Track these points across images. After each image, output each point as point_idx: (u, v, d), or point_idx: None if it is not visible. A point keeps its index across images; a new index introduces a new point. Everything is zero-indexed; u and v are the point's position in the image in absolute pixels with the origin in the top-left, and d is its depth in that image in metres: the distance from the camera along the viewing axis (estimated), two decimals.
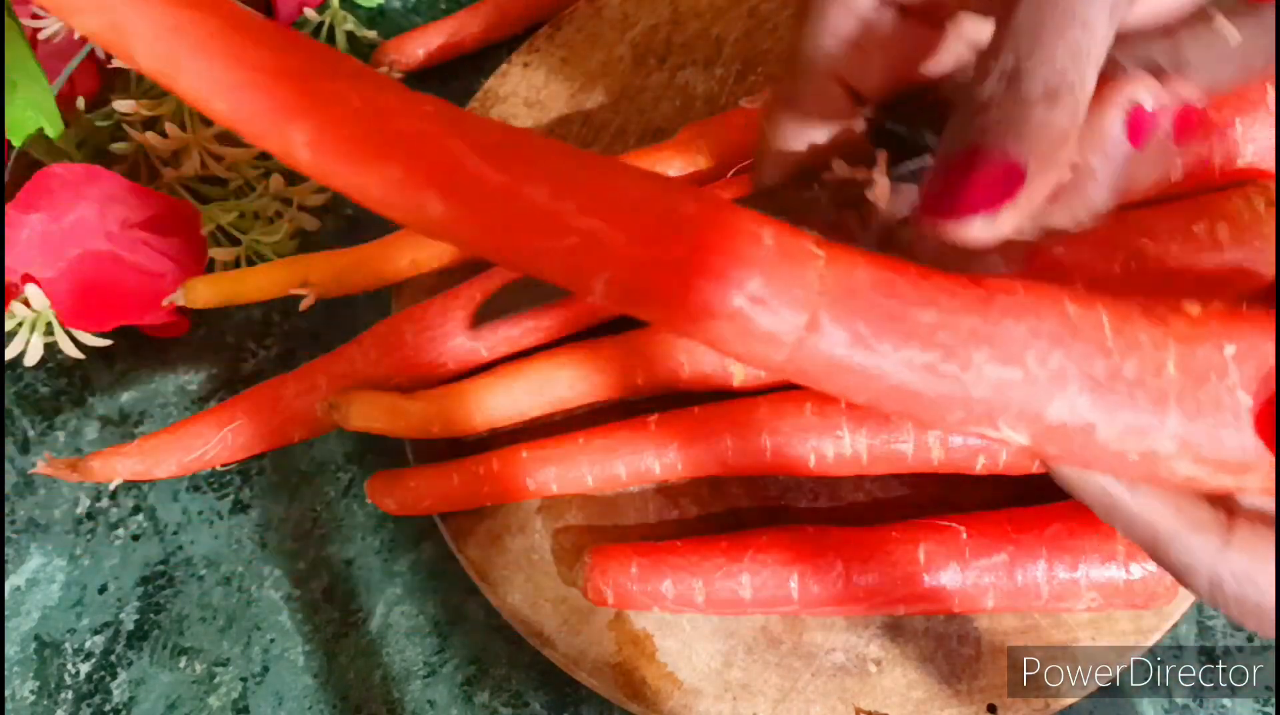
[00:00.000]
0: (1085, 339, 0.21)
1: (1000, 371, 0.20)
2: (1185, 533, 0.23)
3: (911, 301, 0.20)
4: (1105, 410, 0.21)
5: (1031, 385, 0.20)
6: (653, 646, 0.38)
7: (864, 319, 0.19)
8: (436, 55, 0.52)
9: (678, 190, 0.20)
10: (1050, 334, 0.20)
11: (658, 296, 0.19)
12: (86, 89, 0.48)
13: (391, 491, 0.41)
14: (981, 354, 0.20)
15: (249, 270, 0.43)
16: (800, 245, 0.20)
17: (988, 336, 0.20)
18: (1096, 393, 0.20)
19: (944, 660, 0.36)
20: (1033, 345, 0.20)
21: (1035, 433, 0.21)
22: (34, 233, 0.42)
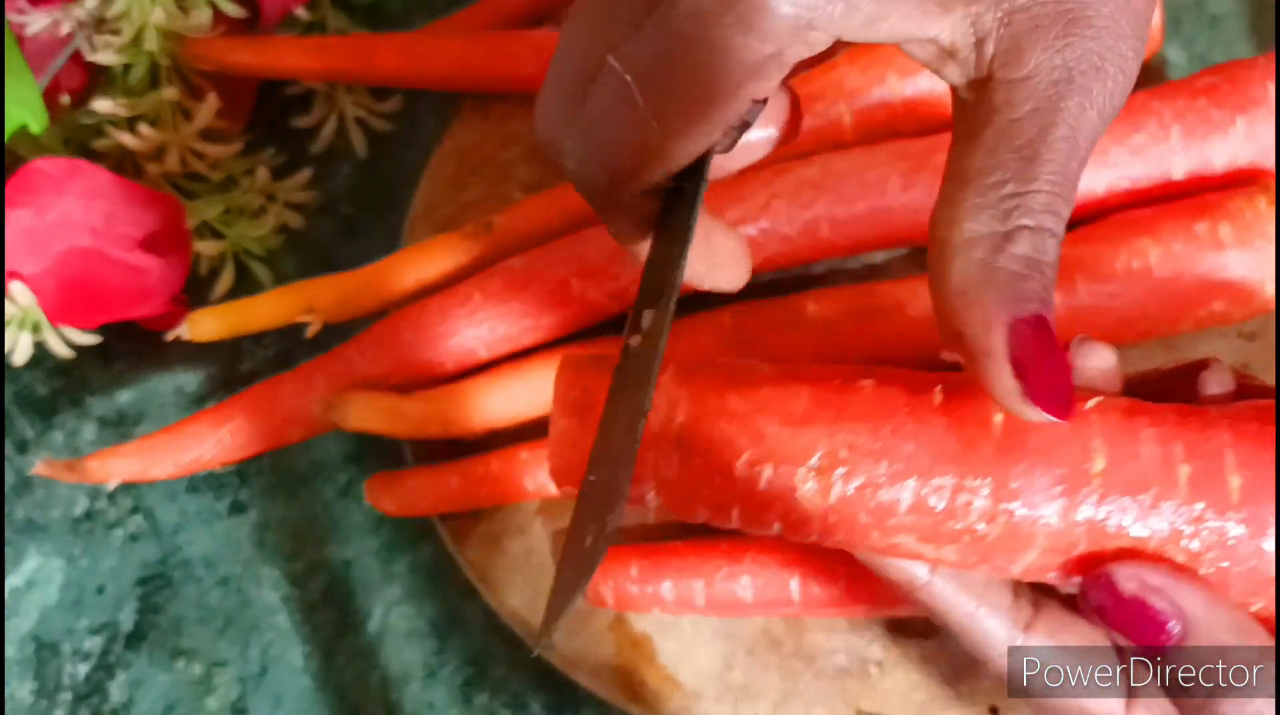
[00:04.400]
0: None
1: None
2: (979, 620, 0.24)
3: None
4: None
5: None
6: (653, 648, 0.38)
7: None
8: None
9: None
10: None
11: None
12: (72, 86, 0.48)
13: (390, 492, 0.40)
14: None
15: (252, 299, 0.43)
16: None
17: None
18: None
19: (946, 662, 0.36)
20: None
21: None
22: (18, 228, 0.41)
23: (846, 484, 0.22)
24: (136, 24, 0.46)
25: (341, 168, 0.50)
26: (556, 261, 0.40)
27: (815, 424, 0.23)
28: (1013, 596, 0.24)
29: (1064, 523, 0.22)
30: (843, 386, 0.23)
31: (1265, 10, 0.48)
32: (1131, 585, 0.21)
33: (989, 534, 0.22)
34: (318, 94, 0.50)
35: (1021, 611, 0.24)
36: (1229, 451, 0.22)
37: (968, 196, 0.21)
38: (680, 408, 0.23)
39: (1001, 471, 0.22)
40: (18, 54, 0.44)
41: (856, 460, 0.22)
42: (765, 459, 0.22)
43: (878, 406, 0.23)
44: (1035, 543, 0.22)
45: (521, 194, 0.46)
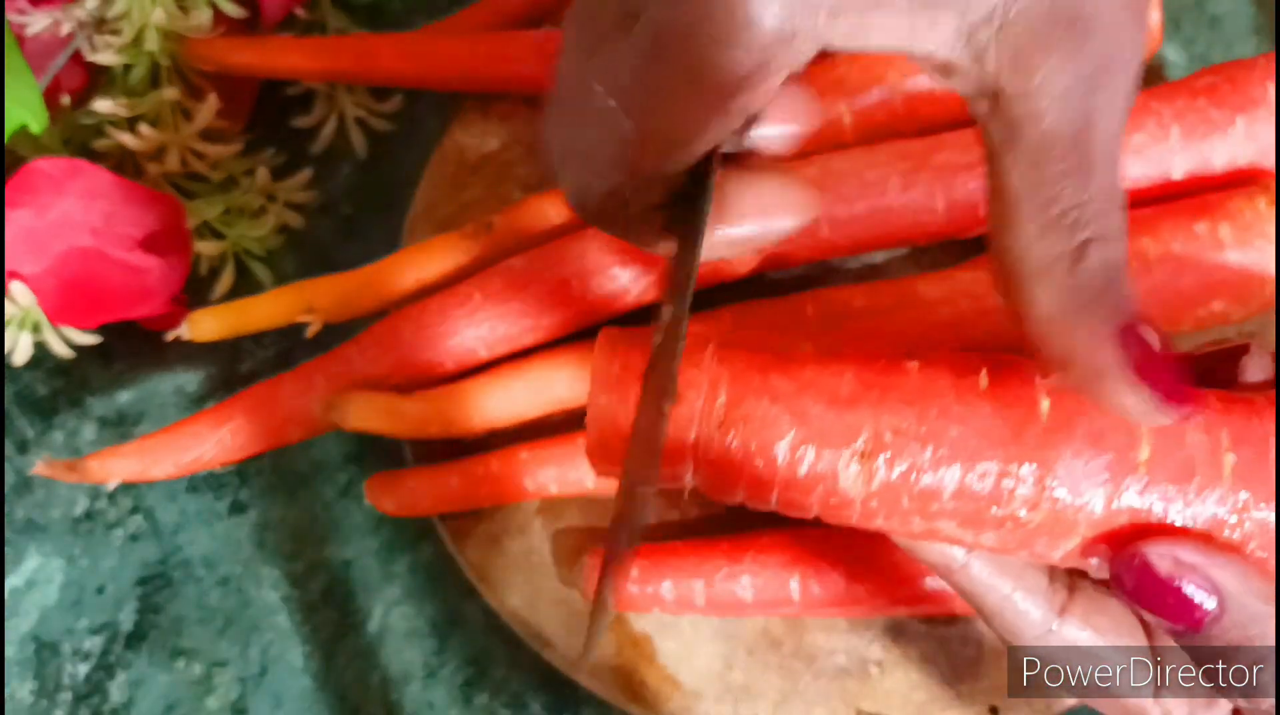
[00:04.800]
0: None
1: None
2: (1015, 602, 0.24)
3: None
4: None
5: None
6: (653, 648, 0.38)
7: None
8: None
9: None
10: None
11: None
12: (72, 86, 0.48)
13: (390, 492, 0.40)
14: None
15: (252, 299, 0.43)
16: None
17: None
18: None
19: (946, 662, 0.36)
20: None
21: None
22: (18, 228, 0.41)
23: (890, 469, 0.22)
24: (137, 24, 0.46)
25: (341, 168, 0.50)
26: (556, 261, 0.40)
27: (860, 406, 0.22)
28: (1048, 579, 0.24)
29: (1107, 510, 0.22)
30: (888, 368, 0.23)
31: (1265, 10, 0.48)
32: (1165, 564, 0.21)
33: (1031, 521, 0.22)
34: (318, 94, 0.50)
35: (1057, 594, 0.24)
36: (1273, 440, 0.22)
37: (1024, 220, 0.20)
38: (722, 387, 0.23)
39: (1047, 458, 0.22)
40: (18, 54, 0.44)
41: (901, 444, 0.22)
42: (808, 441, 0.22)
43: (923, 389, 0.22)
44: (1077, 530, 0.22)
45: (521, 194, 0.46)
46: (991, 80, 0.20)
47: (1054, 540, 0.22)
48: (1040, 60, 0.19)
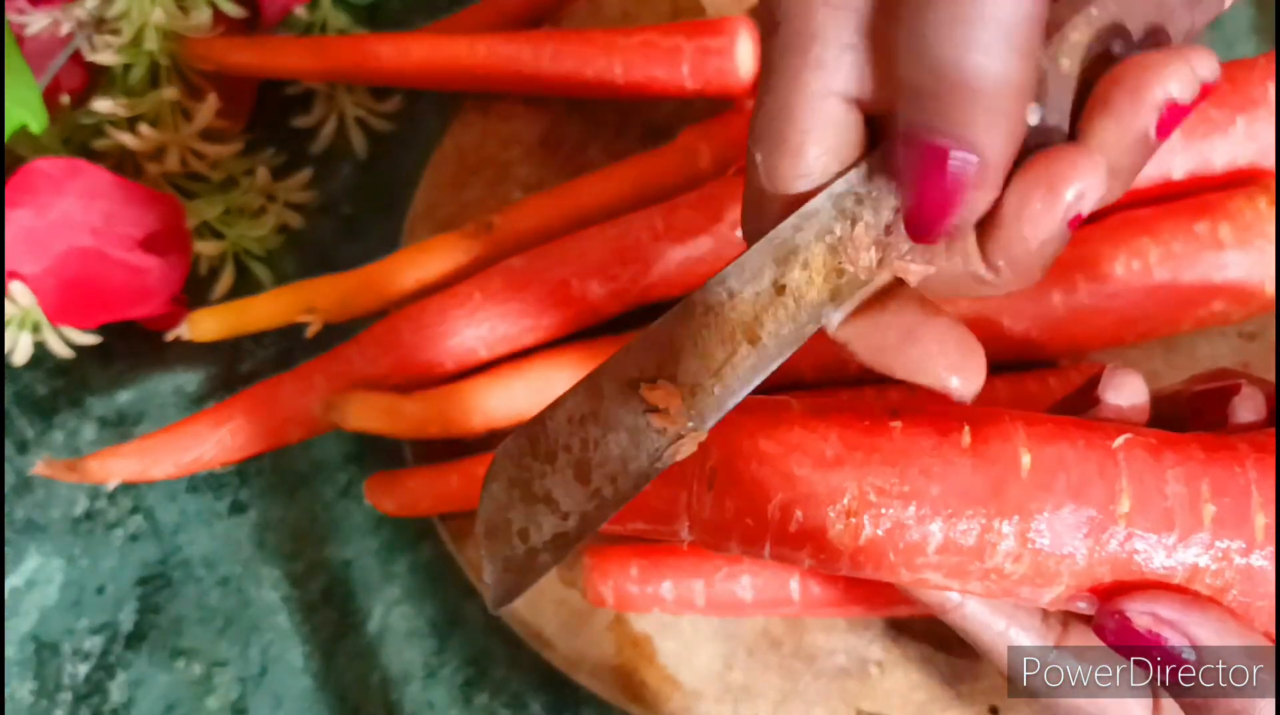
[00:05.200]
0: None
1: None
2: (1011, 639, 0.25)
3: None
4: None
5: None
6: (653, 648, 0.38)
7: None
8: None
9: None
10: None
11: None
12: (72, 86, 0.48)
13: (390, 492, 0.40)
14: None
15: (252, 299, 0.43)
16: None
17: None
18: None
19: (946, 662, 0.36)
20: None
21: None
22: (18, 228, 0.41)
23: (875, 526, 0.23)
24: (136, 24, 0.46)
25: (341, 168, 0.50)
26: (556, 261, 0.40)
27: (845, 466, 0.23)
28: (1042, 616, 0.25)
29: (1090, 560, 0.22)
30: (872, 427, 0.24)
31: (1265, 10, 0.48)
32: (1144, 620, 0.22)
33: (1015, 572, 0.23)
34: (318, 94, 0.50)
35: (1051, 630, 0.25)
36: (1255, 490, 0.22)
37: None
38: (713, 449, 0.24)
39: (1028, 512, 0.22)
40: (18, 54, 0.44)
41: (885, 502, 0.23)
42: (796, 501, 0.23)
43: (906, 448, 0.23)
44: (1061, 579, 0.23)
45: (521, 194, 0.46)
46: None
47: (1038, 589, 0.23)
48: None
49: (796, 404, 0.25)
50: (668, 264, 0.40)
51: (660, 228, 0.40)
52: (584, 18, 0.49)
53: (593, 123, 0.47)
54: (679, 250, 0.40)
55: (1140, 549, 0.22)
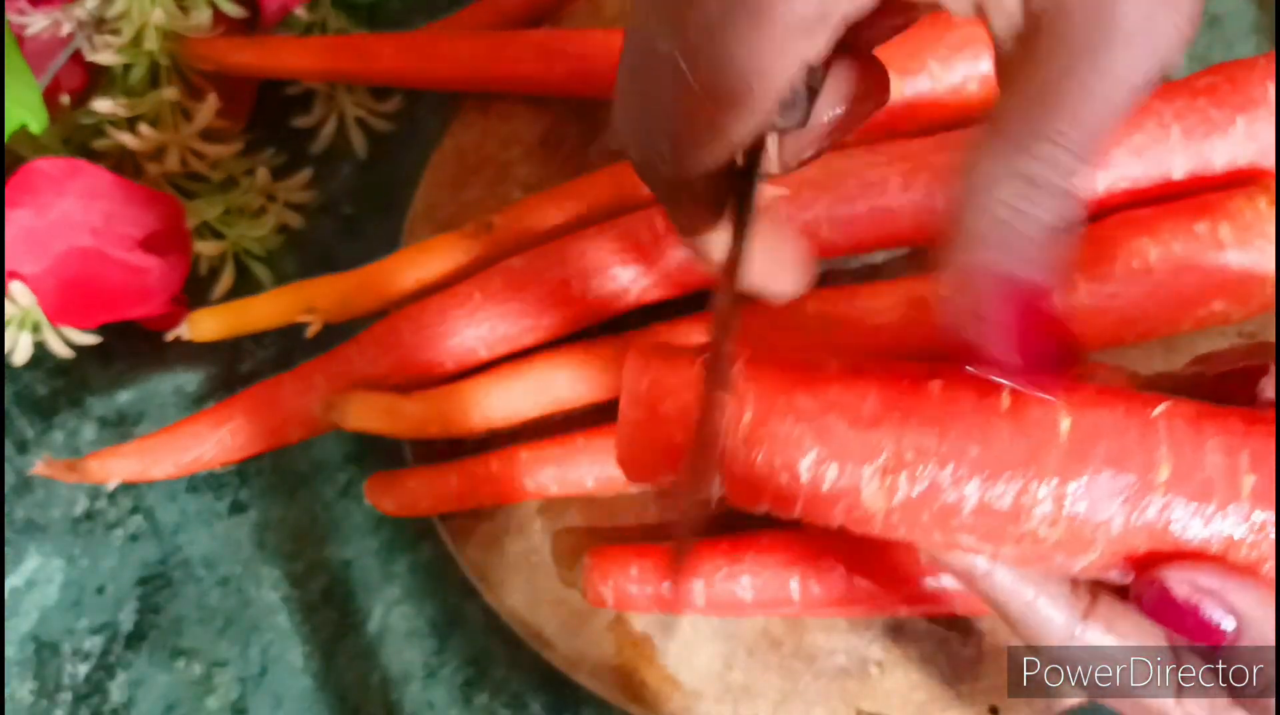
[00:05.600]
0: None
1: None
2: (1039, 609, 0.24)
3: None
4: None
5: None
6: (653, 648, 0.38)
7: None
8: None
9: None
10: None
11: None
12: (72, 86, 0.48)
13: (390, 492, 0.40)
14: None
15: (252, 299, 0.43)
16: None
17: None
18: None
19: (946, 662, 0.36)
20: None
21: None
22: (18, 228, 0.41)
23: (911, 486, 0.22)
24: (136, 24, 0.46)
25: (341, 168, 0.50)
26: (556, 261, 0.40)
27: (883, 425, 0.23)
28: (1071, 585, 0.25)
29: (1126, 528, 0.22)
30: (911, 387, 0.23)
31: (1265, 10, 0.48)
32: (1184, 589, 0.22)
33: (1050, 537, 0.22)
34: (318, 94, 0.50)
35: (1080, 600, 0.24)
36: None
37: (1000, 149, 0.20)
38: (748, 404, 0.23)
39: (1066, 478, 0.22)
40: (18, 54, 0.44)
41: (922, 463, 0.22)
42: (831, 458, 0.23)
43: (945, 408, 0.23)
44: (1096, 546, 0.22)
45: (521, 194, 0.46)
46: (1032, 15, 0.20)
47: (1072, 556, 0.23)
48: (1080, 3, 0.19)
49: (834, 362, 0.24)
50: (668, 264, 0.40)
51: (660, 227, 0.40)
52: (584, 18, 0.49)
53: (593, 123, 0.47)
54: (679, 250, 0.40)
55: (1177, 518, 0.22)
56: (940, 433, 0.22)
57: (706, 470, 0.22)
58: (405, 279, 0.42)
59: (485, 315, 0.41)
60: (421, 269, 0.43)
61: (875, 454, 0.23)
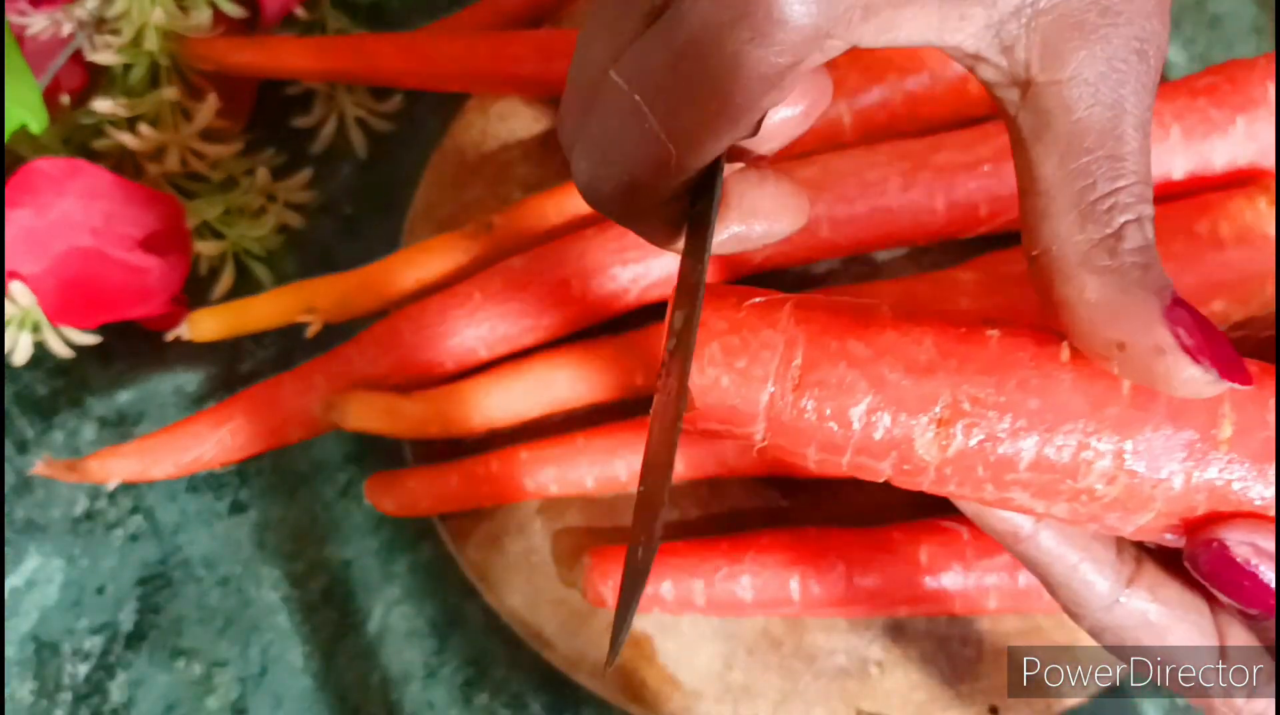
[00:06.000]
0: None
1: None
2: (1083, 573, 0.24)
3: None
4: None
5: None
6: (653, 648, 0.38)
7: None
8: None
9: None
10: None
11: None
12: (72, 86, 0.48)
13: (390, 492, 0.40)
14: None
15: (252, 299, 0.43)
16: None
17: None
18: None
19: (946, 662, 0.36)
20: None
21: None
22: (18, 228, 0.41)
23: (967, 437, 0.22)
24: (136, 24, 0.46)
25: (341, 168, 0.50)
26: (556, 261, 0.40)
27: (938, 373, 0.22)
28: (1116, 551, 0.24)
29: (1185, 487, 0.21)
30: (968, 335, 0.22)
31: (1265, 10, 0.48)
32: (1244, 550, 0.21)
33: (1107, 495, 0.22)
34: (318, 94, 0.50)
35: (1125, 566, 0.24)
36: None
37: (1061, 211, 0.20)
38: (798, 348, 0.22)
39: (1127, 433, 0.21)
40: (18, 54, 0.44)
41: (979, 413, 0.22)
42: (884, 407, 0.22)
43: (1003, 358, 0.22)
44: (1153, 505, 0.22)
45: (521, 194, 0.46)
46: (1021, 71, 0.20)
47: (1128, 515, 0.22)
48: (1072, 50, 0.19)
49: (887, 308, 0.24)
50: (668, 264, 0.40)
51: None
52: (584, 18, 0.49)
53: None
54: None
55: (1238, 476, 0.21)
56: (998, 383, 0.22)
57: (663, 481, 0.21)
58: (405, 279, 0.42)
59: (485, 315, 0.41)
60: (421, 269, 0.43)
61: (931, 403, 0.22)
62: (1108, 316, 0.20)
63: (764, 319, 0.23)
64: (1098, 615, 0.24)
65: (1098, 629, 0.24)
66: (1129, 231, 0.20)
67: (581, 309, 0.41)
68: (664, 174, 0.21)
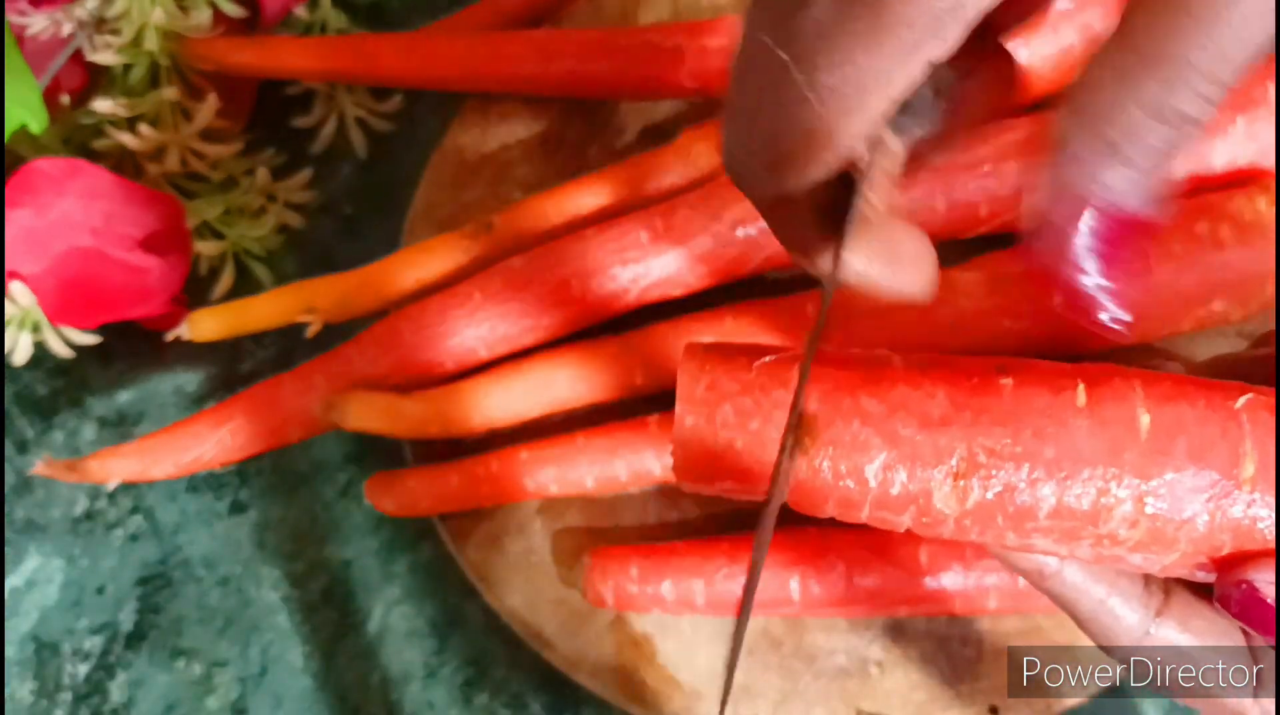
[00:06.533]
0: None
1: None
2: (1110, 607, 0.23)
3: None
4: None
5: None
6: (653, 648, 0.38)
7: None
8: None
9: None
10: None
11: None
12: (72, 86, 0.48)
13: (390, 492, 0.40)
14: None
15: (252, 299, 0.43)
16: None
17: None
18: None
19: (946, 662, 0.36)
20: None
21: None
22: (18, 228, 0.41)
23: (985, 489, 0.22)
24: (136, 24, 0.46)
25: (341, 168, 0.50)
26: (556, 261, 0.40)
27: (953, 426, 0.22)
28: (1144, 583, 0.24)
29: (1210, 528, 0.21)
30: (981, 385, 0.22)
31: None
32: (1271, 590, 0.21)
33: (1130, 538, 0.22)
34: (318, 94, 0.50)
35: (1153, 597, 0.23)
36: None
37: (1120, 57, 0.19)
38: (810, 407, 0.22)
39: (1147, 476, 0.21)
40: (18, 54, 0.44)
41: (996, 464, 0.21)
42: (900, 462, 0.22)
43: (1017, 407, 0.22)
44: (1178, 546, 0.21)
45: (521, 194, 0.46)
46: None
47: (1153, 556, 0.22)
48: None
49: (898, 359, 0.23)
50: (668, 264, 0.40)
51: (660, 228, 0.40)
52: (584, 18, 0.49)
53: (593, 123, 0.47)
54: (679, 250, 0.40)
55: (1264, 515, 0.21)
56: (1014, 432, 0.22)
57: (773, 514, 0.21)
58: (405, 279, 0.43)
59: (485, 315, 0.41)
60: (421, 269, 0.43)
61: (946, 456, 0.22)
62: (1069, 169, 0.19)
63: (775, 378, 0.23)
64: (1128, 648, 0.24)
65: (1127, 660, 0.24)
66: (1159, 124, 0.19)
67: (581, 309, 0.41)
68: (815, 146, 0.20)
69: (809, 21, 0.19)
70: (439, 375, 0.41)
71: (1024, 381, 0.22)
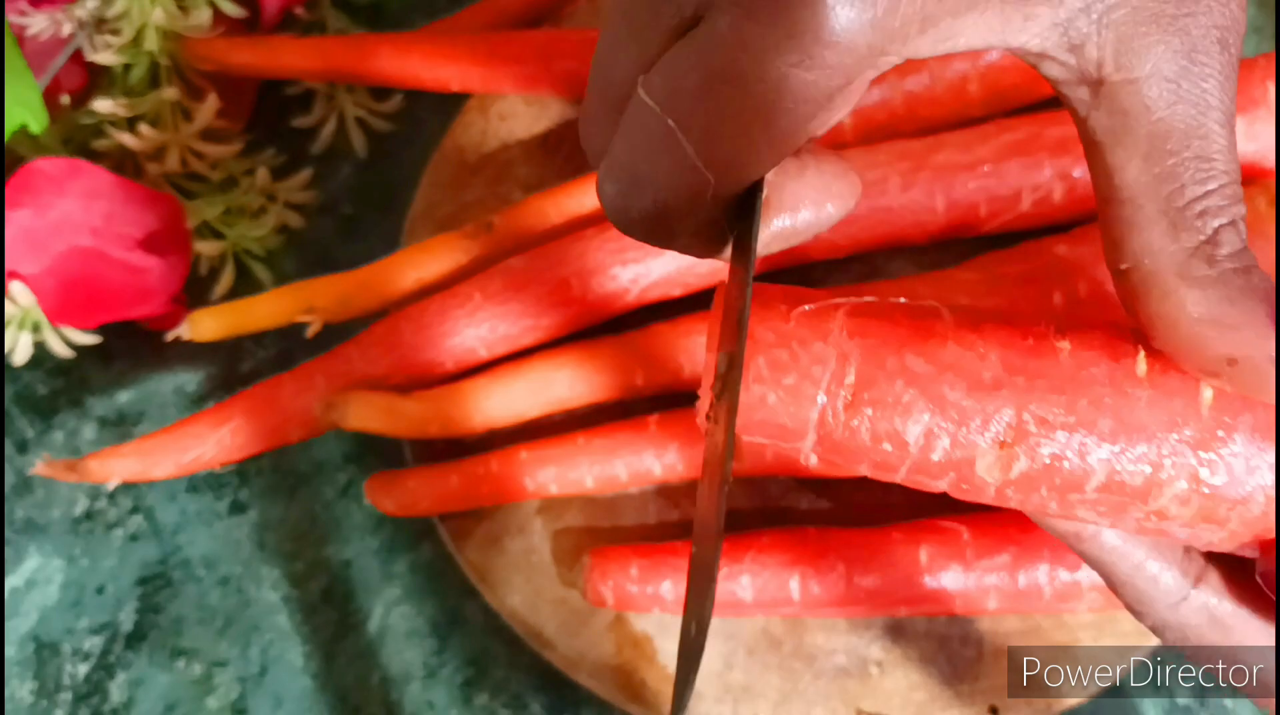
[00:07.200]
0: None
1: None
2: (1149, 571, 0.23)
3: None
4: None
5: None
6: (653, 648, 0.38)
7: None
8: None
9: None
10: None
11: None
12: (72, 86, 0.48)
13: (390, 492, 0.40)
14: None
15: (253, 299, 0.43)
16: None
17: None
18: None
19: (946, 662, 0.36)
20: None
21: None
22: (18, 228, 0.41)
23: (1033, 459, 0.20)
24: (136, 24, 0.46)
25: (341, 168, 0.50)
26: (556, 261, 0.40)
27: (1004, 391, 0.20)
28: (1183, 549, 0.23)
29: (1266, 508, 0.20)
30: (1037, 347, 0.21)
31: (1265, 10, 0.48)
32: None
33: (1181, 515, 0.21)
34: (318, 94, 0.50)
35: (1192, 563, 0.23)
36: None
37: (1150, 218, 0.19)
38: (852, 364, 0.21)
39: (1207, 453, 0.20)
40: (18, 54, 0.44)
41: (1046, 434, 0.20)
42: (944, 427, 0.21)
43: (1075, 374, 0.20)
44: (1228, 525, 0.21)
45: (521, 194, 0.46)
46: (1093, 69, 0.19)
47: (1200, 531, 0.21)
48: (1149, 45, 0.18)
49: (948, 313, 0.22)
50: (668, 264, 0.40)
51: None
52: (584, 18, 0.49)
53: None
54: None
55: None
56: (1069, 402, 0.20)
57: (710, 559, 0.19)
58: (405, 279, 0.43)
59: (485, 315, 0.41)
60: (421, 269, 0.43)
61: (994, 423, 0.20)
62: (1215, 331, 0.19)
63: (814, 330, 0.21)
64: (1163, 613, 0.23)
65: (1161, 626, 0.23)
66: (1225, 236, 0.18)
67: (581, 309, 0.41)
68: (699, 201, 0.20)
69: (691, 85, 0.18)
70: (439, 375, 0.41)
71: (1082, 345, 0.21)
